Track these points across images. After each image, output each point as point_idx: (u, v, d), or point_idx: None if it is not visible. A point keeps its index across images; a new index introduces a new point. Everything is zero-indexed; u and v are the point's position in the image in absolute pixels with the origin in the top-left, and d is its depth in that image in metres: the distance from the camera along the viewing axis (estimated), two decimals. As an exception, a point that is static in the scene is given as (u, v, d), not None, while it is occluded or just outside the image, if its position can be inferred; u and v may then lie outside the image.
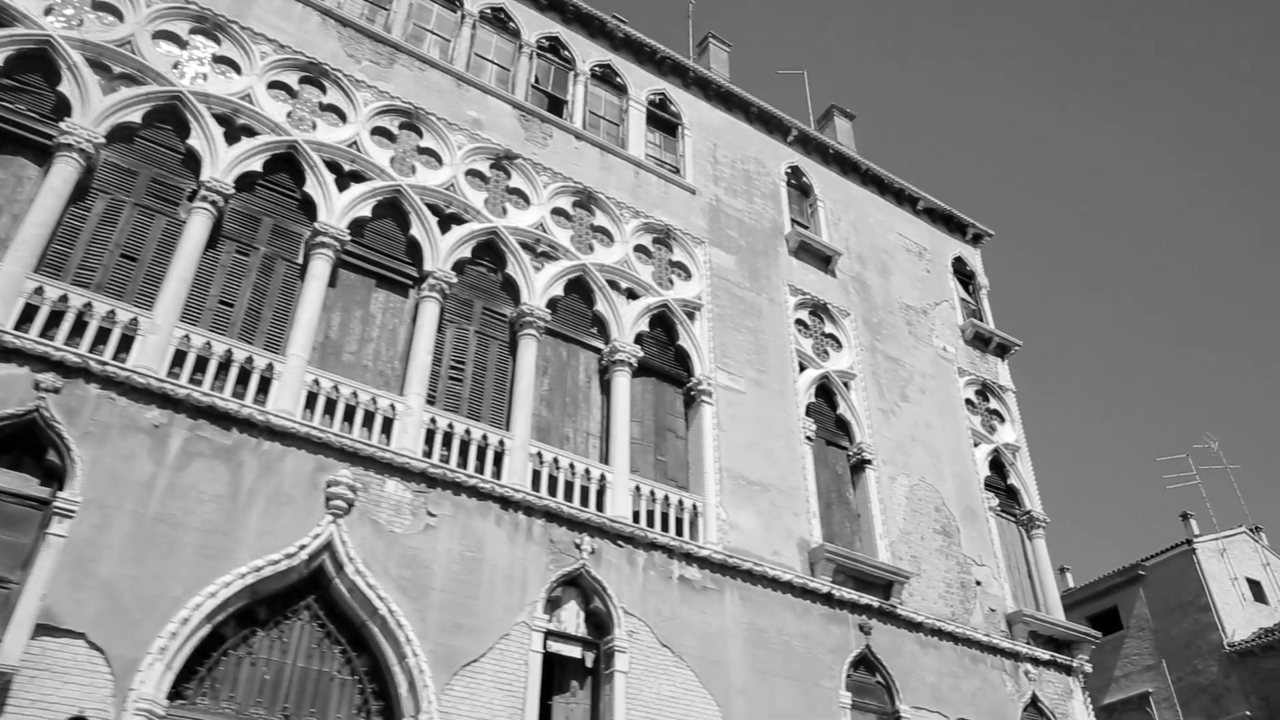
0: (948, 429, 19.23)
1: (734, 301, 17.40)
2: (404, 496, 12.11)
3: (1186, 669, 29.95)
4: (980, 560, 17.76)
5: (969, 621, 16.77)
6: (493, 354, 14.43)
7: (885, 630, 15.52)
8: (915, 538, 17.09)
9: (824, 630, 14.79)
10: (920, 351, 20.06)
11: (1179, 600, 30.80)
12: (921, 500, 17.69)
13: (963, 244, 23.33)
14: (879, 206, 21.98)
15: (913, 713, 14.96)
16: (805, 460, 16.41)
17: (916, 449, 18.34)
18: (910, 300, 20.81)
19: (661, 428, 15.59)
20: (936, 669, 15.75)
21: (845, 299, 19.44)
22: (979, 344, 21.47)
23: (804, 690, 13.98)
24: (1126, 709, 30.99)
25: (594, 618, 12.96)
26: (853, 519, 16.92)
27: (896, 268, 21.15)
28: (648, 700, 12.51)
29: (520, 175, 16.13)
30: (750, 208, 19.14)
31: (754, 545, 14.82)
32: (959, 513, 18.12)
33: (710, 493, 14.89)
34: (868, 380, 18.51)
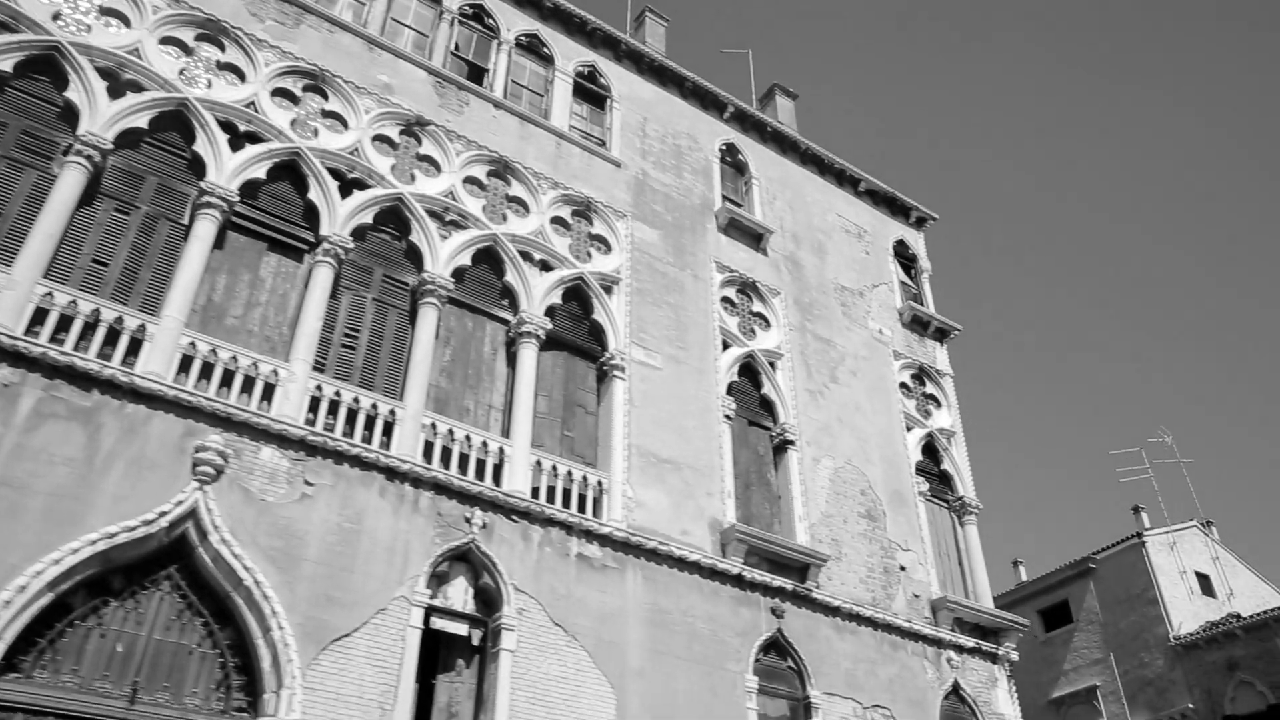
0: (879, 412, 18.83)
1: (655, 276, 16.94)
2: (280, 464, 11.59)
3: (1133, 662, 29.73)
4: (906, 545, 17.37)
5: (890, 607, 16.38)
6: (391, 323, 13.92)
7: (799, 614, 15.11)
8: (837, 521, 16.68)
9: (733, 613, 14.35)
10: (854, 333, 19.66)
11: (1128, 593, 30.57)
12: (846, 483, 17.29)
13: (905, 227, 22.96)
14: (818, 186, 21.57)
15: (824, 699, 14.55)
16: (723, 439, 15.97)
17: (844, 431, 17.93)
18: (846, 281, 20.41)
19: (571, 403, 15.12)
20: (853, 655, 15.34)
21: (776, 278, 19.02)
22: (917, 328, 21.09)
23: (706, 673, 13.54)
24: (1074, 702, 30.76)
25: (483, 594, 12.48)
26: (773, 501, 16.49)
27: (833, 248, 20.74)
28: (535, 680, 12.04)
29: (432, 142, 15.62)
30: (679, 183, 18.69)
31: (661, 524, 14.37)
32: (886, 497, 17.73)
33: (617, 470, 14.43)
34: (795, 360, 18.09)
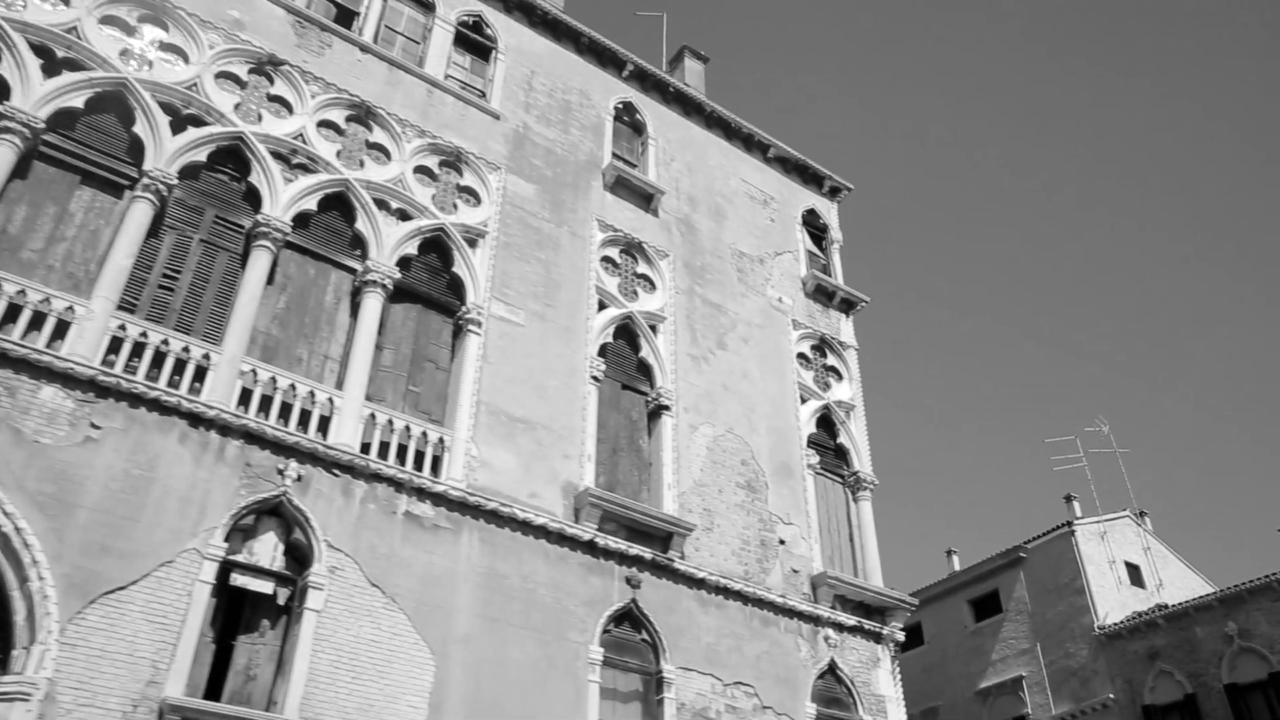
0: (770, 381, 18.09)
1: (527, 231, 16.14)
2: (63, 405, 10.72)
3: (1059, 652, 29.14)
4: (788, 518, 16.63)
5: (765, 581, 15.64)
6: (220, 266, 13.04)
7: (659, 585, 14.34)
8: (712, 490, 15.92)
9: (581, 581, 13.56)
10: (749, 300, 18.91)
11: (1056, 583, 29.98)
12: (726, 452, 16.53)
13: (818, 196, 22.23)
14: (723, 151, 20.81)
15: (679, 674, 13.78)
16: (587, 401, 15.18)
17: (728, 399, 17.18)
18: (746, 247, 19.66)
19: (421, 357, 14.29)
20: (716, 629, 14.59)
21: (666, 240, 18.25)
22: (821, 298, 20.37)
23: (544, 643, 12.75)
24: (1001, 693, 30.14)
25: (295, 551, 11.65)
26: (643, 468, 15.72)
27: (734, 214, 19.99)
28: (342, 642, 11.23)
29: (285, 83, 14.76)
30: (565, 138, 17.89)
31: (507, 485, 13.57)
32: (771, 468, 16.99)
33: (462, 427, 13.62)
34: (680, 324, 17.32)
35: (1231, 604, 25.83)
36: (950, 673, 31.87)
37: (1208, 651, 25.94)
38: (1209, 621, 26.17)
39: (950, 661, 32.04)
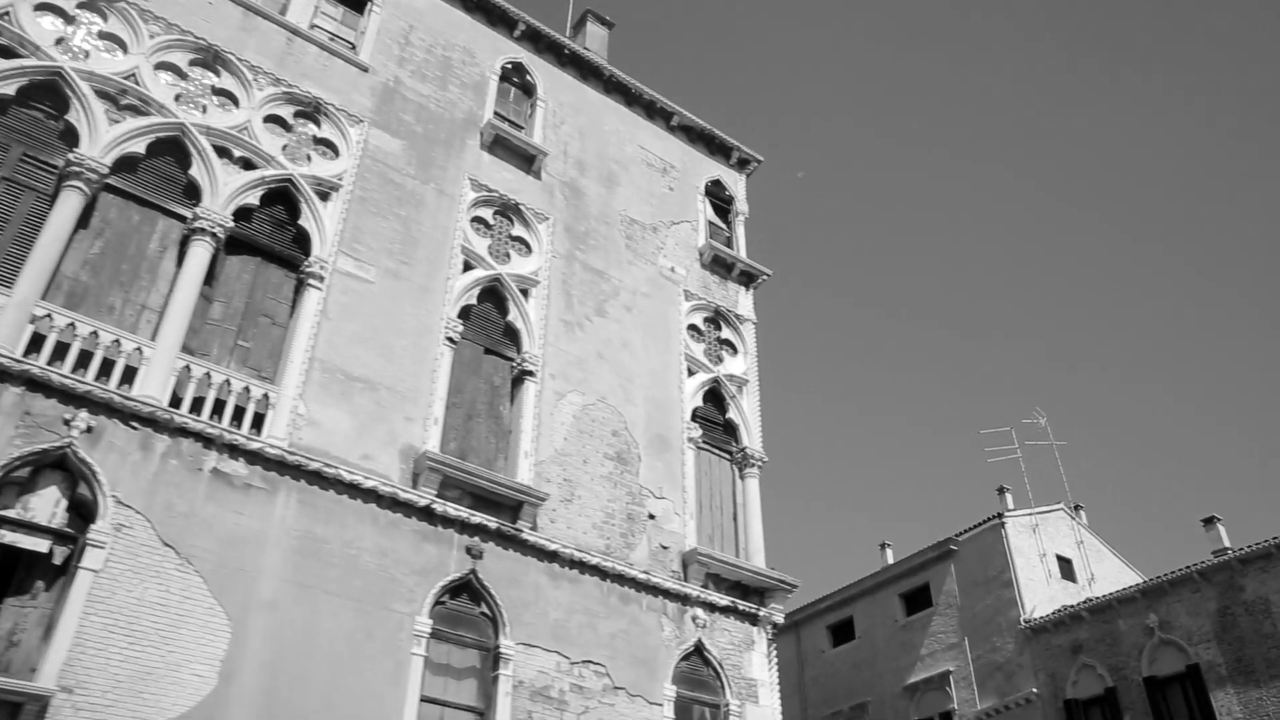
0: (653, 351, 17.32)
1: (388, 187, 15.32)
2: None
3: (986, 646, 28.47)
4: (660, 493, 15.85)
5: (628, 556, 14.85)
6: (23, 206, 12.17)
7: (506, 556, 13.53)
8: (576, 460, 15.13)
9: (414, 549, 12.74)
10: (637, 268, 18.14)
11: (985, 576, 29.33)
12: (596, 422, 15.75)
13: (725, 167, 21.51)
14: (621, 117, 20.05)
15: (520, 650, 12.97)
16: (440, 363, 14.37)
17: (603, 368, 16.40)
18: (638, 215, 18.90)
19: (256, 311, 13.45)
20: (568, 605, 13.79)
21: (548, 203, 17.46)
22: (719, 269, 19.63)
23: (364, 612, 11.92)
24: (928, 688, 29.45)
25: (80, 508, 10.78)
26: (502, 435, 14.91)
27: (628, 180, 19.23)
28: (121, 605, 10.37)
29: (121, 21, 13.91)
30: (441, 95, 17.09)
31: (337, 446, 12.74)
32: (646, 440, 16.22)
33: (291, 384, 12.78)
34: (555, 289, 16.54)
35: (1153, 596, 25.22)
36: (880, 668, 31.18)
37: (1129, 644, 25.33)
38: (1131, 614, 25.56)
39: (880, 657, 31.35)
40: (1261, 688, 22.59)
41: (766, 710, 15.11)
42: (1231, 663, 23.27)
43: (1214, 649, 23.68)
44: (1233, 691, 23.04)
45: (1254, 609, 23.31)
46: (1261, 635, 22.99)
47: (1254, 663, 22.90)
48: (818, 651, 33.54)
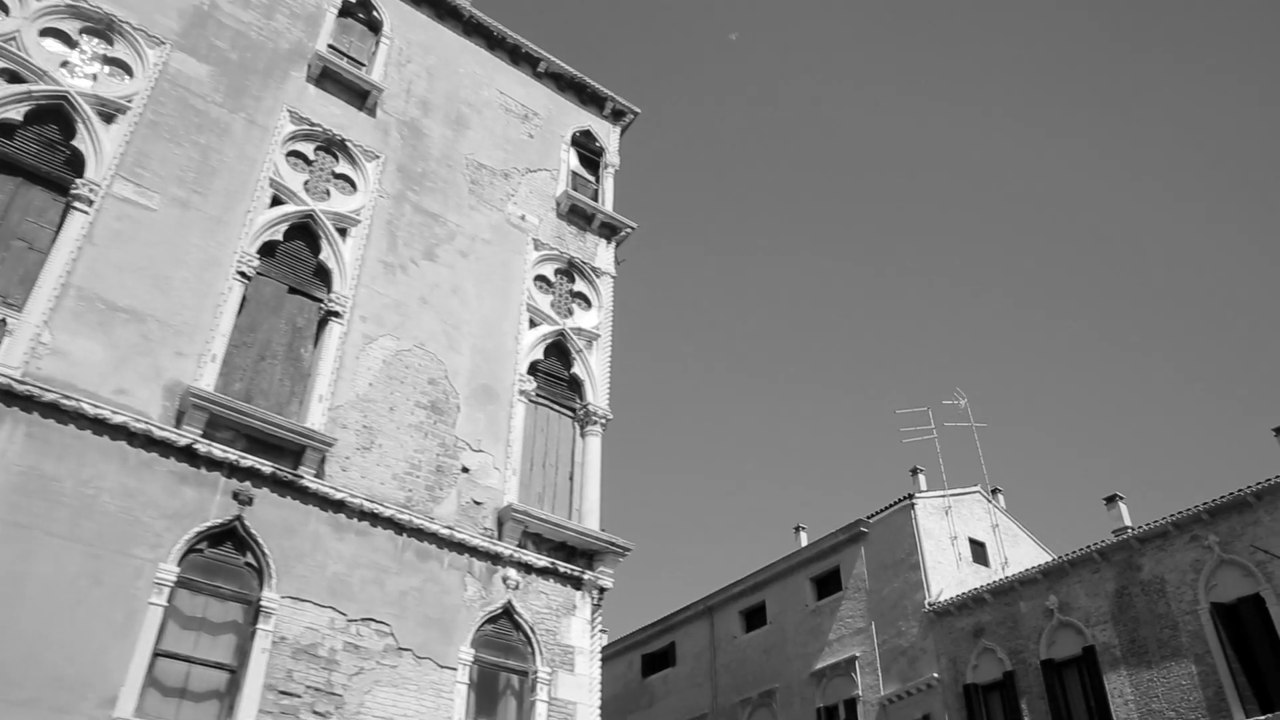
0: (488, 299, 16.30)
1: (187, 113, 14.24)
2: None
3: (892, 631, 27.59)
4: (479, 446, 14.83)
5: (432, 510, 13.81)
6: None
7: (283, 504, 12.47)
8: (381, 407, 14.08)
9: (168, 491, 11.66)
10: (480, 214, 17.12)
11: (893, 559, 28.44)
12: (410, 369, 14.71)
13: (597, 118, 20.51)
14: (481, 60, 19.02)
15: (285, 604, 11.91)
16: (227, 298, 13.29)
17: (425, 313, 15.37)
18: (488, 160, 17.87)
19: (10, 234, 12.31)
20: (352, 558, 12.74)
21: (381, 141, 16.42)
22: (578, 220, 18.63)
23: (94, 557, 10.83)
24: (835, 674, 28.55)
25: None
26: (300, 378, 13.84)
27: (480, 125, 18.20)
28: None
29: (-121, -80, 12.78)
30: (266, 24, 16.02)
31: (85, 378, 11.64)
32: (469, 391, 15.19)
33: (37, 310, 11.68)
34: (377, 229, 15.49)
35: (1054, 577, 24.38)
36: (789, 653, 30.26)
37: (1029, 627, 24.48)
38: (1033, 596, 24.71)
39: (790, 642, 30.44)
40: (1153, 669, 21.75)
41: (582, 679, 14.09)
42: (1126, 644, 22.44)
43: (1110, 630, 22.84)
44: (1125, 674, 22.20)
45: (1150, 589, 22.49)
46: (1155, 615, 22.16)
47: (1147, 644, 22.07)
48: (730, 637, 32.60)
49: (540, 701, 13.49)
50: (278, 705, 11.34)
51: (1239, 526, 21.50)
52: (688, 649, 34.06)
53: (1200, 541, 21.99)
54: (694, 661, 33.58)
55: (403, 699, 12.31)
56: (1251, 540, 21.16)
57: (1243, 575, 21.16)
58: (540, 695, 13.53)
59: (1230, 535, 21.57)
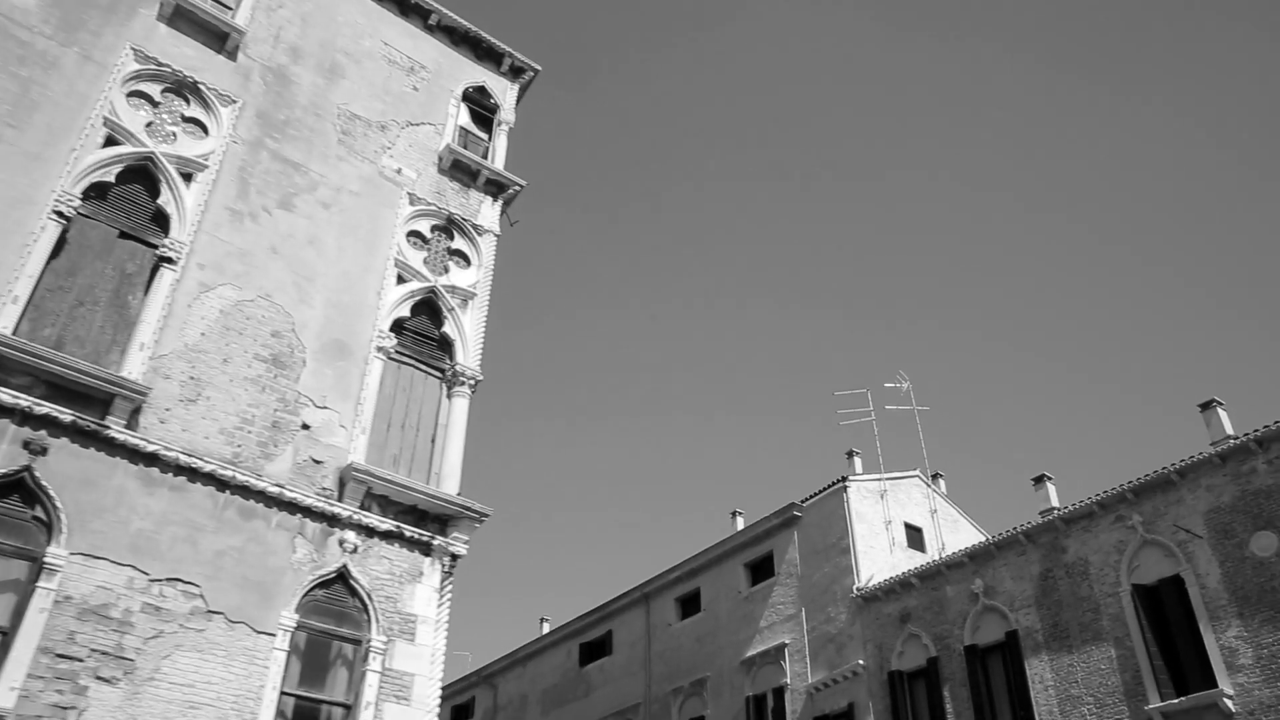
0: (350, 253, 15.45)
1: (8, 42, 13.37)
2: None
3: (821, 617, 26.76)
4: (324, 402, 13.97)
5: (263, 468, 12.95)
6: None
7: (84, 455, 11.61)
8: (213, 359, 13.22)
9: (-55, 437, 10.81)
10: (349, 165, 16.27)
11: (825, 543, 27.60)
12: (251, 320, 13.85)
13: (494, 75, 19.67)
14: (365, 10, 18.18)
15: (76, 561, 11.04)
16: (38, 239, 12.42)
17: (275, 263, 14.51)
18: (364, 111, 17.03)
19: None
20: (162, 515, 11.88)
21: (241, 86, 15.56)
22: (461, 176, 17.78)
23: None
24: (764, 661, 27.71)
25: None
26: (125, 326, 12.95)
27: (358, 75, 17.36)
28: None
29: None
30: (115, -42, 15.15)
31: None
32: (319, 345, 14.34)
33: None
34: (227, 176, 14.64)
35: (981, 560, 23.56)
36: (722, 641, 29.42)
37: (954, 612, 23.66)
38: (959, 580, 23.90)
39: (723, 629, 29.60)
40: (1074, 653, 20.94)
41: (423, 650, 13.23)
42: (1048, 628, 21.63)
43: (1033, 614, 22.03)
44: (1047, 659, 21.39)
45: (1074, 571, 21.68)
46: (1078, 598, 21.35)
47: (1069, 628, 21.26)
48: (665, 625, 31.75)
49: (372, 672, 12.63)
50: (53, 669, 10.47)
51: (1162, 506, 20.70)
52: (624, 637, 33.22)
53: (1124, 522, 21.18)
54: (630, 650, 32.74)
55: (207, 665, 11.44)
56: (1174, 520, 20.36)
57: (1164, 555, 20.35)
58: (372, 665, 12.67)
59: (1154, 515, 20.77)
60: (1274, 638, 18.20)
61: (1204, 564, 19.60)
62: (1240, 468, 19.74)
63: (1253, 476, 19.48)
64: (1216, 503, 19.85)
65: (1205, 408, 21.43)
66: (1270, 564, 18.71)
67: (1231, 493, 19.70)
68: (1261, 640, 18.34)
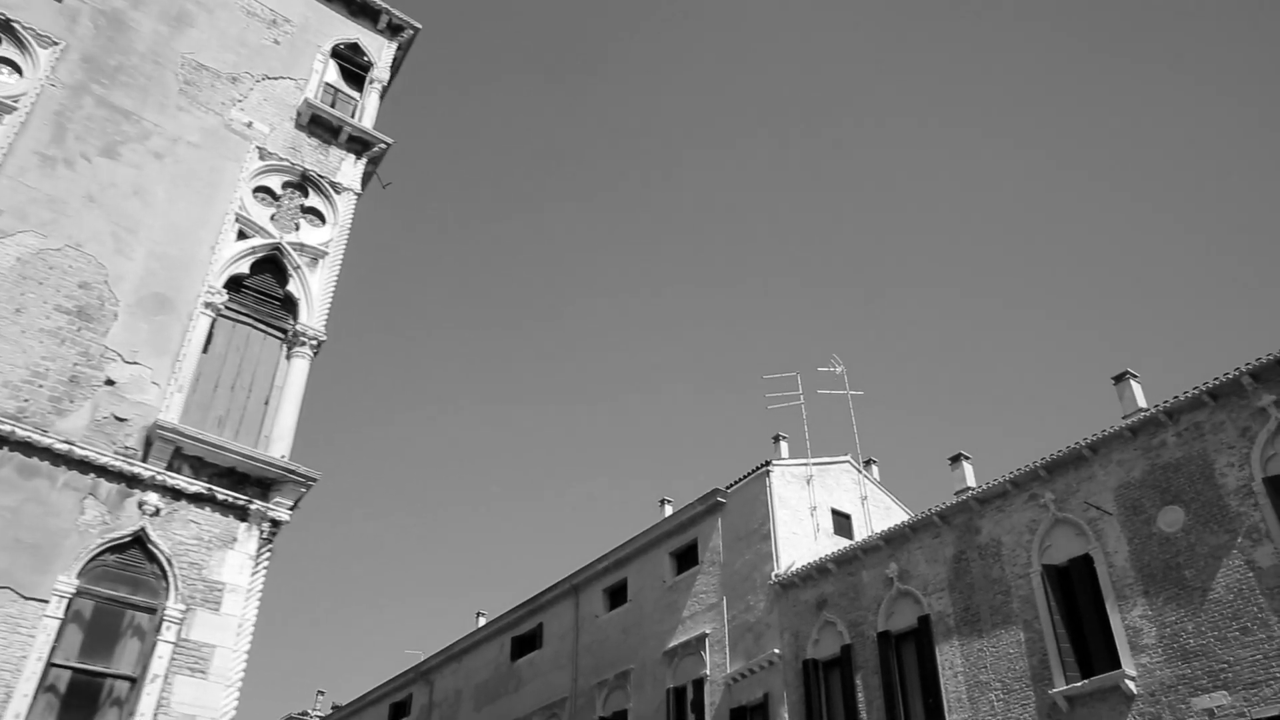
0: (183, 205, 14.57)
1: None
2: None
3: (741, 606, 25.85)
4: (134, 358, 13.06)
5: (53, 424, 12.03)
6: None
7: None
8: (4, 308, 12.31)
9: None
10: (190, 115, 15.40)
11: (747, 530, 26.70)
12: (55, 270, 12.95)
13: (370, 31, 18.82)
14: (223, -41, 17.33)
15: None
16: None
17: (91, 212, 13.63)
18: (213, 62, 16.17)
19: None
20: (-76, 469, 10.98)
21: (66, 28, 14.70)
22: (321, 132, 16.90)
23: None
24: (686, 652, 26.78)
25: None
26: (-95, 274, 12.09)
27: (210, 24, 16.51)
28: None
29: None
30: (-69, -107, 14.30)
31: None
32: (137, 298, 13.44)
33: None
34: (40, 120, 13.76)
35: (897, 544, 22.67)
36: (646, 632, 28.51)
37: (870, 598, 22.77)
38: (875, 564, 22.99)
39: (647, 620, 28.68)
40: (983, 638, 20.05)
41: (229, 620, 12.31)
42: (960, 612, 20.74)
43: (946, 598, 21.14)
44: (958, 644, 20.50)
45: (987, 552, 20.80)
46: (990, 580, 20.47)
47: (980, 611, 20.37)
48: (593, 616, 30.80)
49: (164, 642, 11.70)
50: None
51: (1074, 482, 19.82)
52: (554, 630, 32.28)
53: (1038, 500, 20.30)
54: (559, 643, 31.80)
55: (-40, 631, 10.53)
56: (1085, 496, 19.48)
57: (1075, 534, 19.47)
58: (165, 636, 11.75)
59: (1066, 492, 19.89)
60: (1176, 615, 17.32)
61: (1113, 542, 18.73)
62: (1151, 441, 18.87)
63: (1162, 450, 18.62)
64: (1127, 478, 18.99)
65: (1119, 380, 20.58)
66: (1176, 540, 17.84)
67: (1142, 467, 18.84)
68: (1165, 619, 17.46)
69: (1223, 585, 16.92)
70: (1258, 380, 17.60)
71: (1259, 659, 16.04)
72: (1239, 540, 16.97)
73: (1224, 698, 16.23)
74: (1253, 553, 16.74)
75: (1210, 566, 17.19)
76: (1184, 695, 16.71)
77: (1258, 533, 16.75)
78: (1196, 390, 18.20)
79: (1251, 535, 16.83)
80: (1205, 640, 16.82)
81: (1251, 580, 16.59)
